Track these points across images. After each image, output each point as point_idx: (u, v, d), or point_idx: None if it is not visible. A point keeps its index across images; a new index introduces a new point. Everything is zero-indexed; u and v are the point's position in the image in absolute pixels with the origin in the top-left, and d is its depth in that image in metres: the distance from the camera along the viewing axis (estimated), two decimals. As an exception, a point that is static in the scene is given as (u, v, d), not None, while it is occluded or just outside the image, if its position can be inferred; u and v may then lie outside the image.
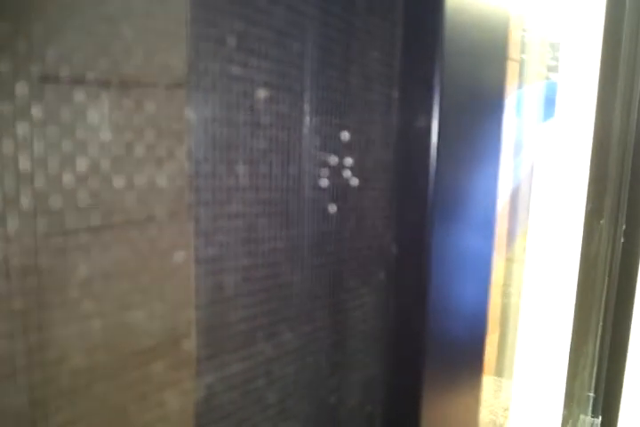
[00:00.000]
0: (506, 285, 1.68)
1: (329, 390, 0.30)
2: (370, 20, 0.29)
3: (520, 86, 1.48)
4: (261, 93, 0.22)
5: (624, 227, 1.59)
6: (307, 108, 0.25)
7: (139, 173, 0.21)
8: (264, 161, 0.23)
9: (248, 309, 0.24)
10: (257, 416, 0.27)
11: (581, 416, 1.70)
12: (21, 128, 0.18)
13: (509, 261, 1.66)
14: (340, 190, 0.28)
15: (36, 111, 0.18)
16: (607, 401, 1.66)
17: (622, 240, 1.60)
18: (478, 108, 0.37)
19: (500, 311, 1.69)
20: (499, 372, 1.77)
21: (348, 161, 0.27)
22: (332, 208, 0.27)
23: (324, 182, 0.26)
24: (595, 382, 1.63)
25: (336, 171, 0.27)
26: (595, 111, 1.32)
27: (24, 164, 0.19)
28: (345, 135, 0.27)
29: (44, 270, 0.19)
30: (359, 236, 0.30)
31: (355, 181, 0.28)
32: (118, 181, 0.20)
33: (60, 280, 0.19)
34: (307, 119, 0.25)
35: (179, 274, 0.22)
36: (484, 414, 1.71)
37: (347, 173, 0.28)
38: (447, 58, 0.30)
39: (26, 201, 0.18)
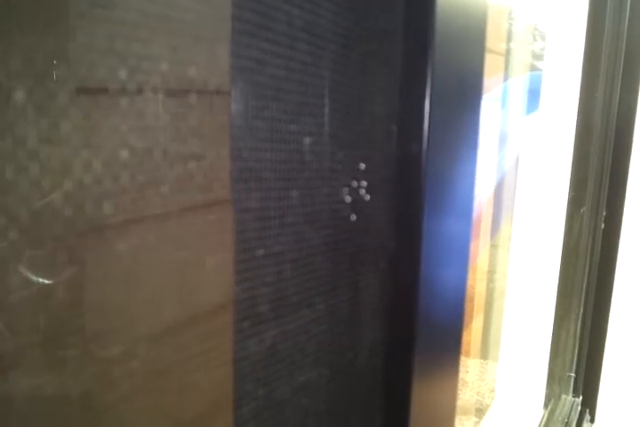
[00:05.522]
0: (492, 270, 1.73)
1: (347, 347, 0.43)
2: (376, 75, 0.41)
3: (505, 79, 1.55)
4: (307, 140, 0.34)
5: (604, 213, 1.62)
6: (330, 146, 0.37)
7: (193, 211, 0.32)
8: (309, 186, 0.35)
9: (292, 287, 0.36)
10: (291, 365, 0.39)
11: (563, 396, 1.74)
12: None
13: (495, 247, 1.72)
14: (357, 204, 0.40)
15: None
16: (587, 381, 1.71)
17: (602, 226, 1.63)
18: (460, 123, 0.48)
19: (486, 296, 1.74)
20: (484, 355, 1.84)
21: (363, 183, 0.39)
22: (353, 217, 0.39)
23: (348, 199, 0.39)
24: (576, 363, 1.70)
25: (355, 190, 0.39)
26: (578, 102, 1.39)
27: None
28: (362, 165, 0.39)
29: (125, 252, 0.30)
30: (367, 235, 0.42)
31: (367, 197, 0.40)
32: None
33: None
34: (333, 154, 0.37)
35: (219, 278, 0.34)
36: (471, 396, 1.80)
37: (362, 191, 0.40)
38: (433, 99, 0.42)
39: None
